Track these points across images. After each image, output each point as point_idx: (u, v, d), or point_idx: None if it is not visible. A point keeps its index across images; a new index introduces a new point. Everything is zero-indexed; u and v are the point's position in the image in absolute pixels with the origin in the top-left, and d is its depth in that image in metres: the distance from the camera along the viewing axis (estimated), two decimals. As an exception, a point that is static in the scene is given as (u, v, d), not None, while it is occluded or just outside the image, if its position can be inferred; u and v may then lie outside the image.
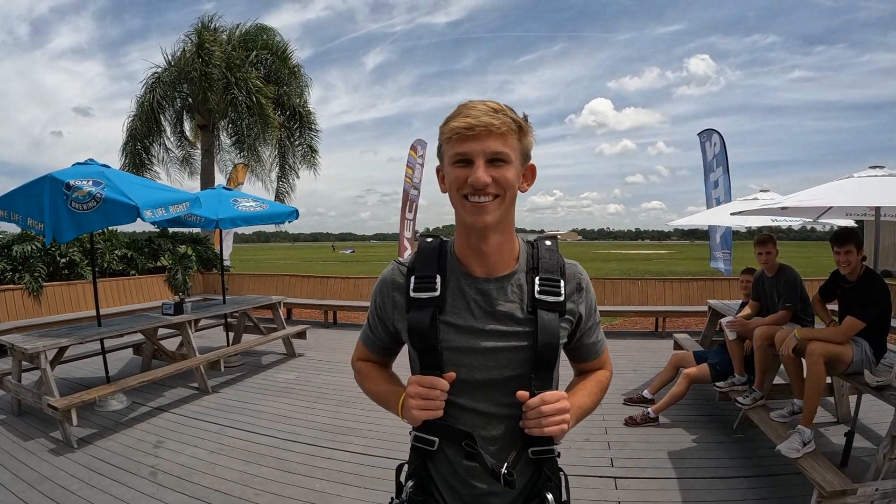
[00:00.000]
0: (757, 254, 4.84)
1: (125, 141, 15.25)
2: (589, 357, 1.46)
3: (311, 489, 3.75)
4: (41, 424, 4.88)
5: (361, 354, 1.54)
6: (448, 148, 1.21)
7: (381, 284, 1.38)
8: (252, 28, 16.08)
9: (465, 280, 1.28)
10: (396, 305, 1.34)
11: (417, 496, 1.32)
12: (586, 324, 1.37)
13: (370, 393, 1.47)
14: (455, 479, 1.31)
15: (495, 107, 1.18)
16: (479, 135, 1.15)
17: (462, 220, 1.24)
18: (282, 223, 7.95)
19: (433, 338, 1.25)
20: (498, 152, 1.16)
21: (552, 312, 1.26)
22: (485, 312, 1.26)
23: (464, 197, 1.19)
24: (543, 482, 1.30)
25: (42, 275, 8.89)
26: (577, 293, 1.33)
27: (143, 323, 6.05)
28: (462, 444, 1.24)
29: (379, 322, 1.42)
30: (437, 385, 1.21)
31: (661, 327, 9.75)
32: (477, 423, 1.27)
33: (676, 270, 27.84)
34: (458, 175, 1.18)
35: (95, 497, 3.58)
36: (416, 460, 1.33)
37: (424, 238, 1.37)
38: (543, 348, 1.23)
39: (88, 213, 4.70)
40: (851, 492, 2.97)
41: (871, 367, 3.67)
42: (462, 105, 1.21)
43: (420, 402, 1.21)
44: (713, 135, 11.19)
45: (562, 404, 1.20)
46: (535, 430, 1.19)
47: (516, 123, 1.19)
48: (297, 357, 7.84)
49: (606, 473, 3.96)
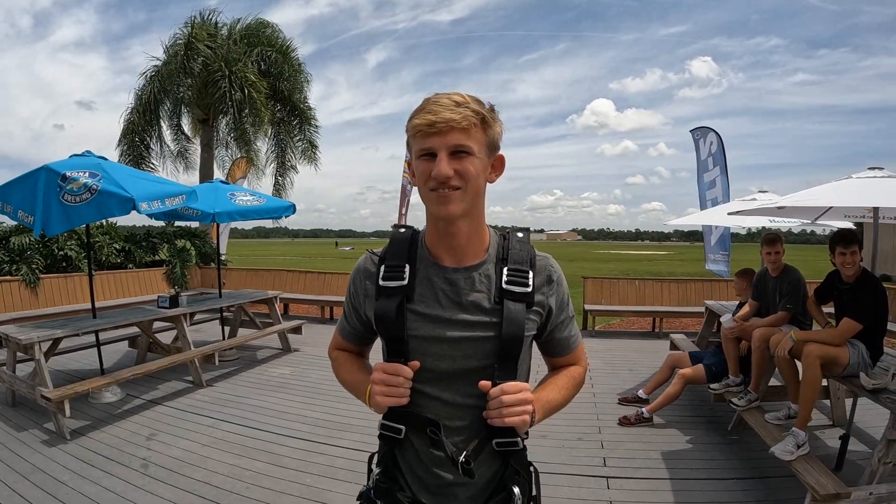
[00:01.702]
0: (765, 253, 4.80)
1: (122, 133, 15.22)
2: (561, 352, 1.45)
3: (303, 484, 3.74)
4: (35, 415, 4.87)
5: (338, 344, 1.57)
6: (414, 143, 1.21)
7: (355, 273, 1.40)
8: (253, 23, 16.03)
9: (434, 270, 1.29)
10: (368, 294, 1.35)
11: (383, 483, 1.34)
12: (557, 317, 1.37)
13: (343, 382, 1.49)
14: (421, 468, 1.32)
15: (459, 100, 1.18)
16: (441, 130, 1.15)
17: (430, 212, 1.25)
18: (279, 218, 7.93)
19: (399, 326, 1.25)
20: (460, 145, 1.17)
21: (519, 303, 1.26)
22: (452, 302, 1.26)
23: (430, 189, 1.19)
24: (510, 475, 1.30)
25: (39, 267, 8.87)
26: (546, 285, 1.33)
27: (138, 316, 6.04)
28: (427, 430, 1.24)
29: (353, 311, 1.44)
30: (400, 372, 1.21)
31: (658, 328, 9.76)
32: (442, 412, 1.27)
33: (675, 272, 27.86)
34: (424, 168, 1.19)
35: (87, 488, 3.57)
36: (384, 448, 1.36)
37: (398, 228, 1.37)
38: (508, 339, 1.23)
39: (80, 205, 4.67)
40: (845, 495, 2.96)
41: (867, 369, 3.65)
42: (426, 100, 1.21)
43: (384, 389, 1.21)
44: (709, 133, 11.08)
45: (523, 395, 1.19)
46: (497, 419, 1.19)
47: (479, 116, 1.19)
48: (293, 352, 7.83)
49: (599, 473, 3.95)
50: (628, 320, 11.00)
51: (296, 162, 17.48)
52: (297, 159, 17.46)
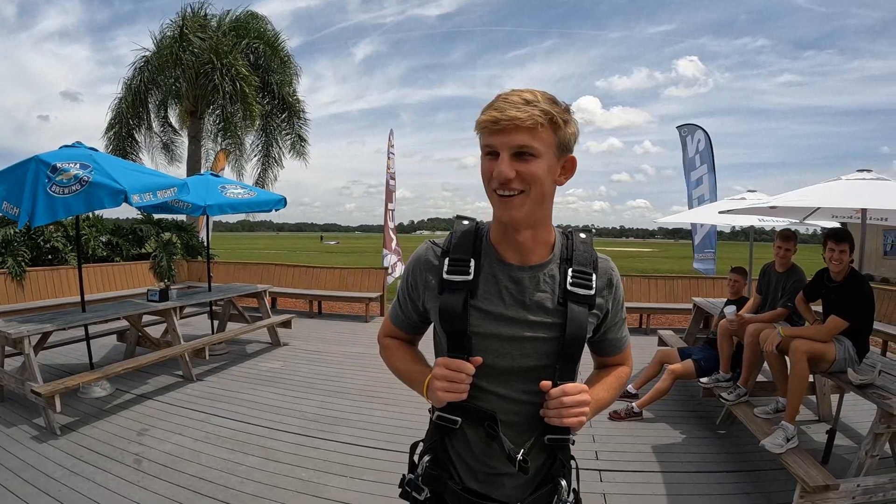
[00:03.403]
0: (776, 247, 4.87)
1: (109, 124, 15.05)
2: (612, 352, 1.47)
3: (298, 478, 3.75)
4: (24, 411, 4.83)
5: (388, 331, 1.54)
6: (481, 139, 1.19)
7: (415, 263, 1.38)
8: (243, 14, 15.91)
9: (499, 266, 1.28)
10: (428, 286, 1.34)
11: (433, 470, 1.34)
12: (613, 319, 1.38)
13: (395, 370, 1.48)
14: (471, 456, 1.33)
15: (528, 98, 1.15)
16: (506, 128, 1.13)
17: (494, 213, 1.25)
18: (269, 211, 7.88)
19: (463, 322, 1.25)
20: (524, 146, 1.14)
21: (582, 305, 1.27)
22: (515, 301, 1.27)
23: (493, 190, 1.18)
24: (557, 468, 1.32)
25: (25, 259, 8.77)
26: (607, 288, 1.34)
27: (127, 309, 5.99)
28: (484, 424, 1.25)
29: (409, 301, 1.42)
30: (463, 369, 1.21)
31: (645, 324, 9.83)
32: (496, 406, 1.28)
33: (660, 269, 28.05)
34: (487, 167, 1.18)
35: (79, 485, 3.54)
36: (435, 436, 1.35)
37: (461, 220, 1.36)
38: (570, 340, 1.24)
39: (69, 197, 4.61)
40: (834, 487, 3.03)
41: (853, 365, 3.73)
42: (497, 95, 1.19)
43: (446, 385, 1.21)
44: (696, 130, 11.06)
45: (582, 397, 1.21)
46: (555, 420, 1.21)
47: (547, 116, 1.14)
48: (282, 346, 7.80)
49: (591, 466, 4.00)
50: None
51: (283, 156, 17.38)
52: (286, 153, 17.36)
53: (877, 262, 21.88)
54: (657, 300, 10.16)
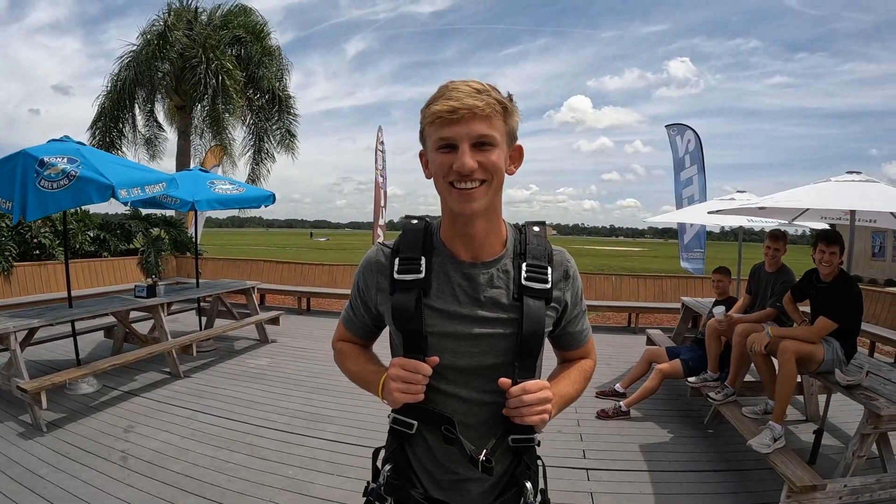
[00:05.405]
0: (766, 247, 4.89)
1: (95, 118, 14.88)
2: (574, 346, 1.44)
3: (284, 475, 3.73)
4: (10, 407, 4.77)
5: (342, 336, 1.51)
6: (431, 132, 1.16)
7: (365, 266, 1.36)
8: (234, 8, 15.77)
9: (451, 264, 1.26)
10: (380, 288, 1.31)
11: (395, 480, 1.30)
12: (572, 312, 1.36)
13: (350, 372, 1.44)
14: (433, 464, 1.29)
15: (479, 87, 1.13)
16: (463, 118, 1.10)
17: (448, 207, 1.21)
18: (258, 207, 7.85)
19: (417, 321, 1.22)
20: (483, 135, 1.12)
21: (538, 300, 1.23)
22: (469, 298, 1.23)
23: (450, 184, 1.15)
24: (522, 470, 1.28)
25: (12, 254, 8.68)
26: (563, 280, 1.31)
27: (115, 305, 5.94)
28: (441, 428, 1.22)
29: (361, 304, 1.39)
30: (419, 369, 1.18)
31: (633, 323, 9.87)
32: (458, 409, 1.25)
33: (649, 268, 28.18)
34: (443, 161, 1.14)
35: (65, 482, 3.51)
36: (394, 444, 1.31)
37: (409, 219, 1.32)
38: (528, 336, 1.21)
39: (57, 192, 4.56)
40: (821, 487, 3.05)
41: (841, 366, 3.75)
42: (444, 86, 1.16)
43: (401, 385, 1.18)
44: (686, 130, 11.05)
45: (544, 394, 1.18)
46: (517, 418, 1.18)
47: (501, 104, 1.14)
48: (270, 343, 7.77)
49: (579, 465, 4.00)
50: (604, 315, 11.10)
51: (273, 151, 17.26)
52: (275, 148, 17.23)
53: (865, 263, 22.17)
54: (646, 299, 10.22)
